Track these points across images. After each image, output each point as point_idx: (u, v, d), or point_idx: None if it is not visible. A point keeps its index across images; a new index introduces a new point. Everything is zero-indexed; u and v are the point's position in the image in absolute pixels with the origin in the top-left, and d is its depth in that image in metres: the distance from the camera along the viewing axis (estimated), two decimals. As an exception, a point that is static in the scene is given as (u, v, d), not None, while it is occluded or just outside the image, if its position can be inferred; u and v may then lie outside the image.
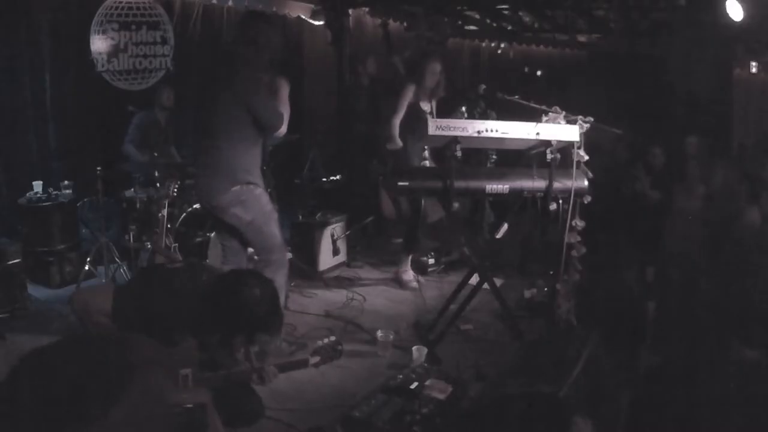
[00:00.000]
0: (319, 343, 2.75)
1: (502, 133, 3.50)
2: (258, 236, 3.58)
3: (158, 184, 4.59)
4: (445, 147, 3.56)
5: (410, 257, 5.05)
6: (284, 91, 3.59)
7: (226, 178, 3.44)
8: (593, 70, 10.06)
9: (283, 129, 3.55)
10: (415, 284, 4.92)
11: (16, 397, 2.04)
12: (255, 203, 3.52)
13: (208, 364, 2.58)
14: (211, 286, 2.61)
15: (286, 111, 3.55)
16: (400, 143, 4.77)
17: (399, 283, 5.02)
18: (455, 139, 3.45)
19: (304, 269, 5.10)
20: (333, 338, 2.79)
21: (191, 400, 2.46)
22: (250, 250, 3.82)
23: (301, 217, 5.47)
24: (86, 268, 4.65)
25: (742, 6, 5.26)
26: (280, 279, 3.68)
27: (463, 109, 5.13)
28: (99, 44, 5.27)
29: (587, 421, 2.36)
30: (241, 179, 3.45)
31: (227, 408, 2.68)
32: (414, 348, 3.55)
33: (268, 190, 3.82)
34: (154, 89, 5.44)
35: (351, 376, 3.49)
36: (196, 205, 4.83)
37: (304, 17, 7.34)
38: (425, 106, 4.84)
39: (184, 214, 4.82)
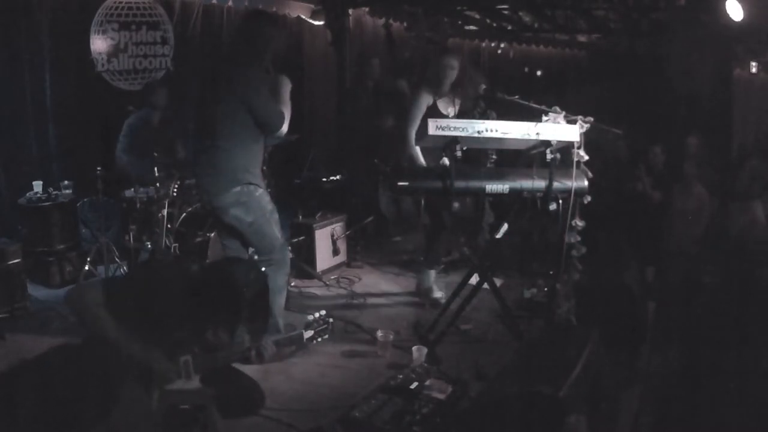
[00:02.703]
0: (309, 317, 2.82)
1: (502, 133, 3.49)
2: (258, 237, 3.58)
3: (158, 184, 4.58)
4: (445, 147, 3.55)
5: (434, 271, 4.64)
6: (286, 89, 3.57)
7: (227, 179, 3.44)
8: (593, 70, 10.07)
9: (284, 128, 3.53)
10: (443, 299, 4.46)
11: (14, 407, 2.06)
12: (256, 204, 3.51)
13: (205, 347, 2.62)
14: (201, 272, 2.68)
15: (287, 110, 3.53)
16: (422, 160, 4.31)
17: (427, 300, 4.58)
18: (455, 139, 3.45)
19: (304, 269, 5.10)
20: (323, 312, 2.84)
21: (192, 401, 2.48)
22: (251, 250, 3.82)
23: (301, 217, 5.46)
24: (86, 268, 4.65)
25: (742, 6, 5.27)
26: (281, 279, 3.68)
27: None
28: (99, 44, 5.28)
29: (581, 418, 2.36)
30: (241, 179, 3.45)
31: (227, 398, 2.72)
32: (414, 348, 3.54)
33: (268, 190, 3.82)
34: (148, 89, 5.35)
35: (351, 376, 3.49)
36: (197, 205, 4.84)
37: (304, 17, 7.35)
38: (446, 110, 4.44)
39: (184, 214, 4.82)
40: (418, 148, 4.32)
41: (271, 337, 2.93)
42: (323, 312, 2.84)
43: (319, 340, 2.83)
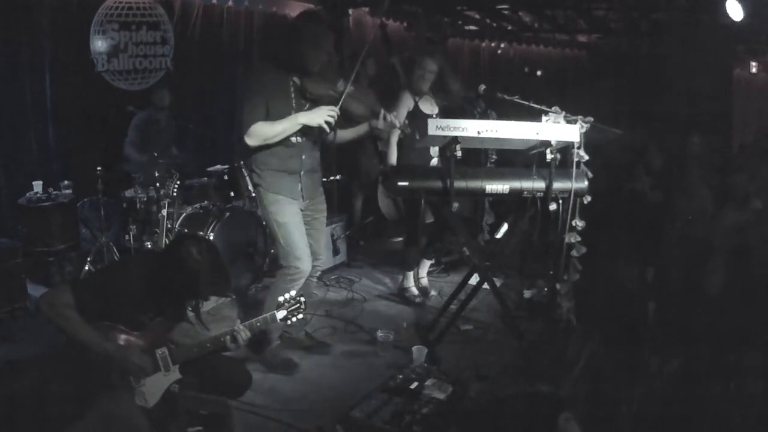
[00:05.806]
0: (280, 299, 2.80)
1: (502, 133, 3.50)
2: (274, 238, 3.49)
3: (158, 184, 4.58)
4: (445, 147, 3.55)
5: (411, 273, 4.76)
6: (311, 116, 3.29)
7: (249, 175, 3.48)
8: (593, 70, 10.06)
9: (248, 141, 3.24)
10: (419, 299, 4.67)
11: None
12: (264, 207, 3.45)
13: (179, 336, 2.69)
14: (159, 258, 2.72)
15: (268, 130, 3.23)
16: (394, 162, 4.41)
17: (401, 298, 4.72)
18: (455, 139, 3.45)
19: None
20: (293, 293, 2.84)
21: (211, 409, 2.52)
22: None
23: (301, 217, 5.45)
24: (86, 268, 4.64)
25: (742, 6, 5.26)
26: (287, 285, 3.36)
27: None
28: (99, 44, 5.27)
29: (570, 418, 2.36)
30: (252, 179, 3.49)
31: (214, 381, 2.73)
32: (414, 348, 3.54)
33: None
34: (150, 89, 5.44)
35: (351, 376, 3.49)
36: (197, 205, 4.85)
37: (304, 17, 7.34)
38: (428, 110, 4.47)
39: (184, 214, 4.82)
40: (395, 147, 4.38)
41: (243, 321, 2.90)
42: (293, 292, 2.83)
43: (294, 320, 2.80)
